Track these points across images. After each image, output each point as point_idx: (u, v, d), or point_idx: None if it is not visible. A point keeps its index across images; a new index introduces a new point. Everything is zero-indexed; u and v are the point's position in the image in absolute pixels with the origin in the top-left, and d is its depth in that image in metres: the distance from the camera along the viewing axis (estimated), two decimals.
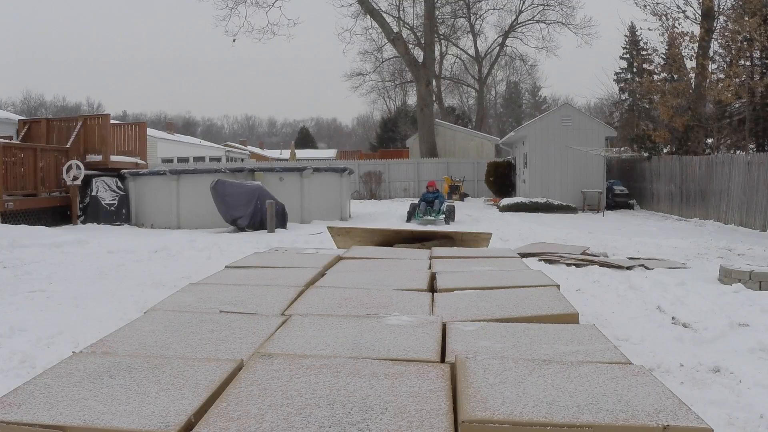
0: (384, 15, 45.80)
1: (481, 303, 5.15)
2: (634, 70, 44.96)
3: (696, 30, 27.06)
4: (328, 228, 12.46)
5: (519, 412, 2.73)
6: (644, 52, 39.14)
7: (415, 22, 53.73)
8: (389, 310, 4.85)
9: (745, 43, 25.01)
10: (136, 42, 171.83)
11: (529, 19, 57.59)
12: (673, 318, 6.82)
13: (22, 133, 22.20)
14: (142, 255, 12.40)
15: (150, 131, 36.36)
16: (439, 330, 4.26)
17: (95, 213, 20.42)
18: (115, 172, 21.62)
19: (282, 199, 19.14)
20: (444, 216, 21.74)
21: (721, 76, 26.63)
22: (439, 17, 54.57)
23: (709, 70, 26.99)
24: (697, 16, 27.39)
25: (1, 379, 4.71)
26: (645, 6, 27.86)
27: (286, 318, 4.62)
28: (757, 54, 26.35)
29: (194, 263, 11.40)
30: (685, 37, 27.09)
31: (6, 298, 7.76)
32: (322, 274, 6.60)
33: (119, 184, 21.16)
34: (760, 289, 8.43)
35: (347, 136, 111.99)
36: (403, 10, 52.84)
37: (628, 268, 10.21)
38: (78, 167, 20.20)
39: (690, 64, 28.29)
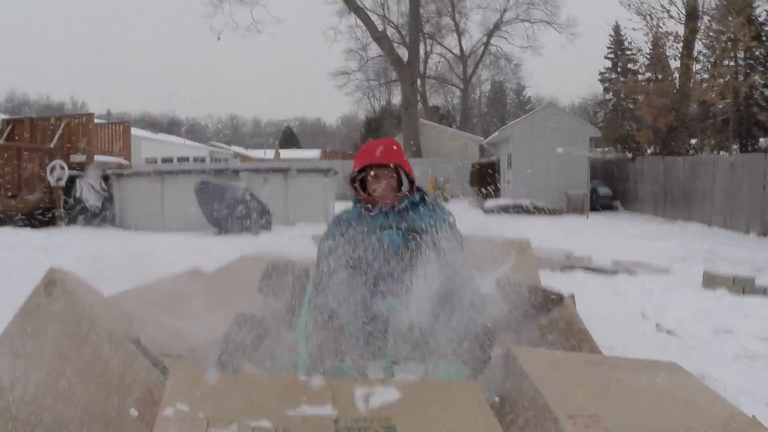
0: (369, 13, 45.80)
1: None
2: (619, 70, 45.08)
3: (680, 30, 27.20)
4: (313, 237, 12.42)
5: None
6: (629, 52, 39.27)
7: (399, 20, 53.80)
8: None
9: (729, 43, 25.12)
10: (120, 40, 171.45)
11: (514, 18, 57.81)
12: (657, 325, 6.85)
13: (6, 133, 22.08)
14: (127, 258, 12.35)
15: (134, 131, 36.19)
16: None
17: (79, 214, 20.32)
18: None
19: (266, 200, 19.06)
20: None
21: (705, 76, 26.78)
22: (424, 15, 54.59)
23: (694, 70, 27.12)
24: (682, 15, 27.53)
25: None
26: (629, 5, 28.00)
27: None
28: (741, 54, 26.48)
29: (179, 266, 11.36)
30: (669, 37, 27.26)
31: None
32: None
33: (103, 185, 21.06)
34: (743, 294, 8.47)
35: (331, 136, 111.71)
36: (388, 8, 53.09)
37: (612, 272, 10.24)
38: (62, 167, 20.11)
39: (674, 64, 28.46)
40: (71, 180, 20.56)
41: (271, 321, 4.39)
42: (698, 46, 27.92)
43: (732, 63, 26.47)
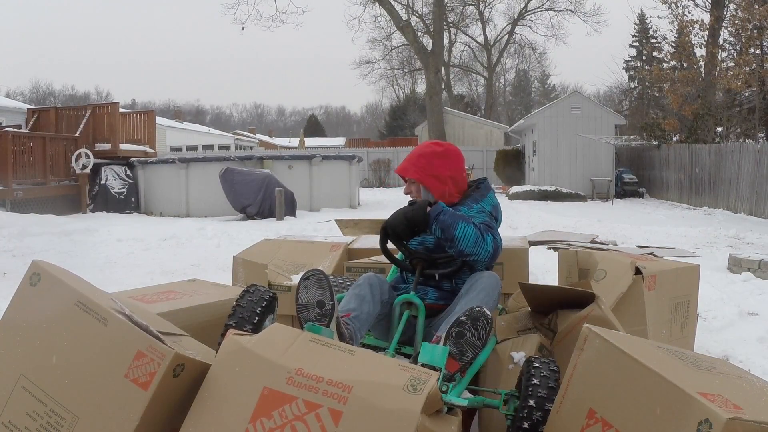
0: (392, 2, 45.63)
1: None
2: (644, 58, 44.87)
3: (706, 18, 26.95)
4: (336, 221, 12.42)
5: None
6: (654, 40, 39.08)
7: (424, 9, 53.54)
8: None
9: (755, 31, 24.88)
10: (144, 31, 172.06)
11: (538, 7, 57.24)
12: None
13: (32, 122, 22.26)
14: (151, 243, 12.43)
15: (159, 120, 36.37)
16: None
17: (104, 201, 20.50)
18: (124, 160, 21.68)
19: (291, 187, 19.14)
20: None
21: (731, 64, 26.54)
22: (448, 4, 54.26)
23: (719, 58, 26.89)
24: (707, 4, 27.29)
25: None
26: None
27: None
28: (767, 42, 26.23)
29: (203, 251, 11.43)
30: (694, 25, 27.01)
31: (15, 288, 7.76)
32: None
33: (128, 172, 21.23)
34: None
35: (356, 124, 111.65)
36: None
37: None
38: (87, 156, 20.26)
39: (700, 52, 28.25)
40: (96, 168, 20.72)
41: None
42: (724, 34, 27.69)
43: (758, 51, 26.22)
